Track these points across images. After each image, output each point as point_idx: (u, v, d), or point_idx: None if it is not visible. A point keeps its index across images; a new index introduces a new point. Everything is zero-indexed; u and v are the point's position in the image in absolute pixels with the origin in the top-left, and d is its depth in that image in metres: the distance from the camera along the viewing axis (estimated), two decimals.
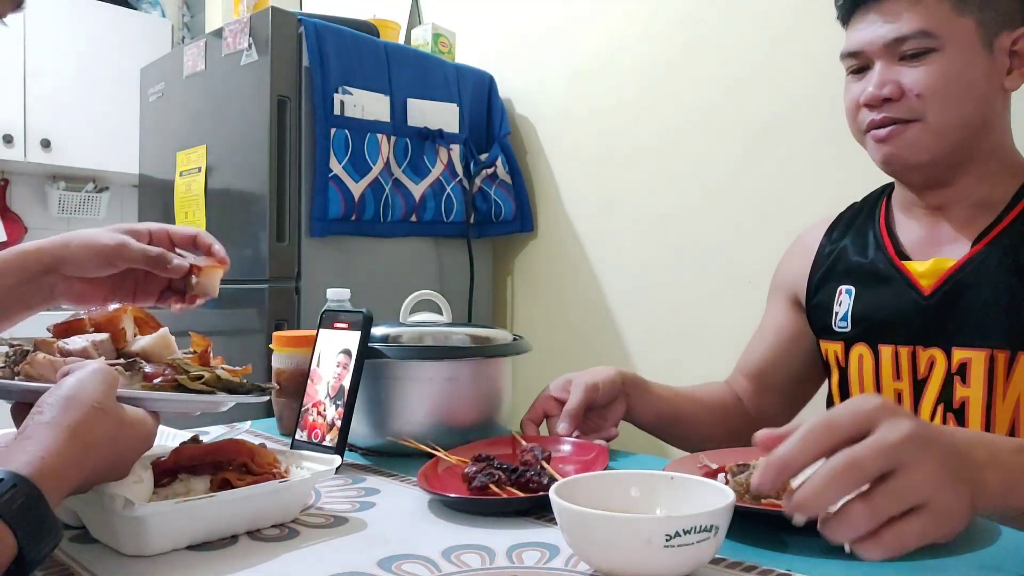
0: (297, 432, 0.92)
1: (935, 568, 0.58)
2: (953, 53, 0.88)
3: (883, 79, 0.91)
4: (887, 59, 0.91)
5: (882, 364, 0.99)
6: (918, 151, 0.92)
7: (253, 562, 0.61)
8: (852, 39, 0.95)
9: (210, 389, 0.70)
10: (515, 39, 2.34)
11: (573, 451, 0.90)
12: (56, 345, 0.70)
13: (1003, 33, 0.90)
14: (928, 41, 0.88)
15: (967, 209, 0.95)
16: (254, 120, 1.89)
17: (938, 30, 0.88)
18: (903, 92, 0.90)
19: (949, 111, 0.89)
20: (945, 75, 0.88)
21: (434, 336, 0.98)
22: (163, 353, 0.73)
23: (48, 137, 3.12)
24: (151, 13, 3.54)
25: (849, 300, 1.03)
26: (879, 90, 0.91)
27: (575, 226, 2.21)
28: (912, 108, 0.90)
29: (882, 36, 0.91)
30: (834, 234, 1.10)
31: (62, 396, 0.57)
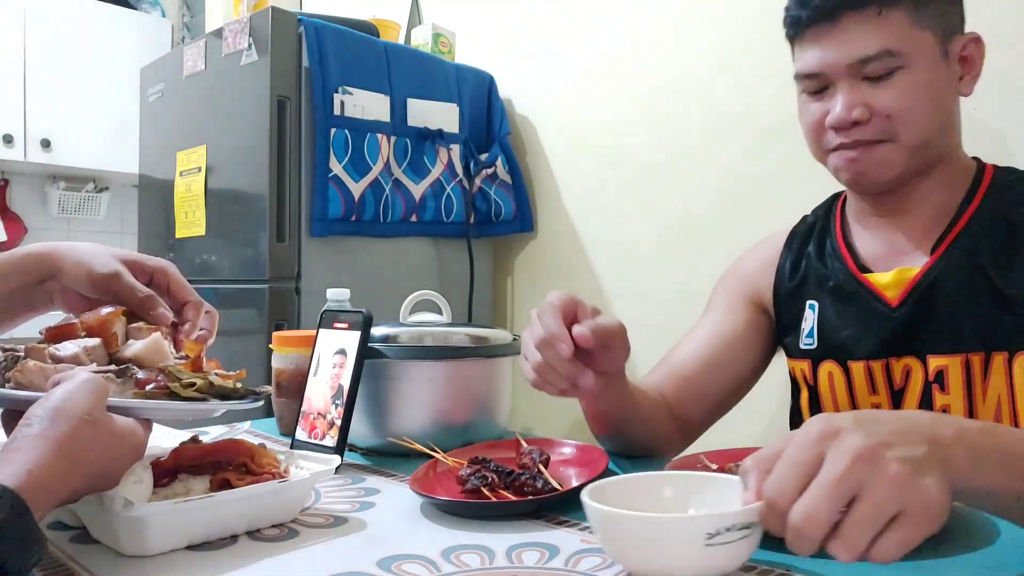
0: (297, 432, 0.92)
1: (935, 568, 0.58)
2: (917, 69, 0.87)
3: (850, 101, 0.88)
4: (851, 79, 0.88)
5: (855, 380, 0.97)
6: (888, 169, 0.91)
7: (253, 562, 0.61)
8: (810, 60, 0.91)
9: (202, 396, 0.69)
10: (515, 39, 2.34)
11: (573, 454, 0.90)
12: (47, 351, 0.68)
13: (954, 40, 0.90)
14: (893, 60, 0.86)
15: (923, 215, 0.95)
16: (254, 120, 1.89)
17: (901, 47, 0.86)
18: (871, 114, 0.88)
19: (919, 127, 0.88)
20: (913, 93, 0.87)
21: (434, 336, 0.98)
22: (156, 359, 0.71)
23: (48, 137, 3.12)
24: (151, 13, 3.54)
25: (814, 316, 1.01)
26: (848, 113, 0.88)
27: (575, 226, 2.21)
28: (882, 129, 0.89)
29: (845, 57, 0.88)
30: (793, 246, 1.08)
31: (50, 408, 0.56)
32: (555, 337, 0.76)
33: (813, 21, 0.90)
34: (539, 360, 0.79)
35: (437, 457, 0.84)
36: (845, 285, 0.99)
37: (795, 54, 0.95)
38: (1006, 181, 0.94)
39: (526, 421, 2.20)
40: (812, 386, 1.03)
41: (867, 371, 0.96)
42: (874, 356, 0.96)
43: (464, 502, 0.74)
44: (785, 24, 0.95)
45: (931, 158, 0.92)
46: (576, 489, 0.75)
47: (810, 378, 1.03)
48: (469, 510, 0.73)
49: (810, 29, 0.90)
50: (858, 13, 0.87)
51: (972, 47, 0.92)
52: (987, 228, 0.91)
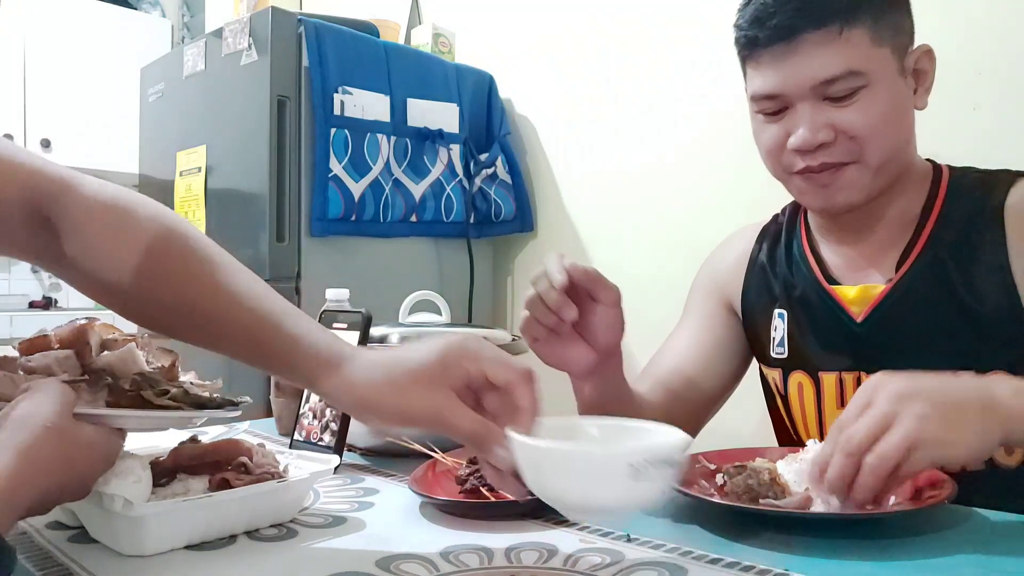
0: (295, 432, 0.92)
1: (935, 568, 0.58)
2: (880, 87, 0.85)
3: (815, 124, 0.85)
4: (813, 100, 0.85)
5: (824, 392, 0.96)
6: (857, 191, 0.88)
7: (251, 562, 0.61)
8: (769, 82, 0.87)
9: (177, 405, 0.67)
10: (515, 39, 2.34)
11: None
12: (19, 362, 0.67)
13: (908, 54, 0.89)
14: (857, 80, 0.83)
15: (886, 227, 0.93)
16: (254, 120, 1.89)
17: (864, 66, 0.83)
18: (837, 135, 0.85)
19: (885, 146, 0.86)
20: (878, 112, 0.84)
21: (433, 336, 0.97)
22: (129, 368, 0.68)
23: (48, 137, 3.12)
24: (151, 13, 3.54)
25: (783, 325, 0.99)
26: (814, 136, 0.85)
27: (575, 226, 2.21)
28: (848, 150, 0.86)
29: (808, 79, 0.84)
30: (764, 246, 1.06)
31: (13, 418, 0.55)
32: (551, 271, 0.81)
33: (770, 42, 0.86)
34: (531, 294, 0.82)
35: (436, 457, 0.84)
36: (812, 295, 0.96)
37: (747, 73, 0.92)
38: (963, 185, 0.92)
39: None
40: (783, 395, 1.01)
41: (838, 383, 0.94)
42: (845, 368, 0.94)
43: (463, 502, 0.74)
44: (737, 44, 0.91)
45: (894, 175, 0.90)
46: None
47: (780, 387, 1.01)
48: (468, 510, 0.73)
49: (767, 50, 0.86)
50: (818, 33, 0.83)
51: (924, 60, 0.90)
52: (951, 240, 0.89)
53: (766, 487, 0.69)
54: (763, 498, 0.69)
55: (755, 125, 0.94)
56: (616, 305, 0.85)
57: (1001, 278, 0.85)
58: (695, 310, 1.12)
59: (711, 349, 1.06)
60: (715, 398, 1.08)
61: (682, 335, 1.11)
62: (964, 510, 0.71)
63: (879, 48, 0.84)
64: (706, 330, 1.08)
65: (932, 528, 0.66)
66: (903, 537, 0.64)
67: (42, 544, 0.65)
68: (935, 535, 0.65)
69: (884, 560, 0.59)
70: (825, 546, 0.62)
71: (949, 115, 1.53)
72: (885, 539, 0.64)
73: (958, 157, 1.02)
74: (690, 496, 0.70)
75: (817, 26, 0.83)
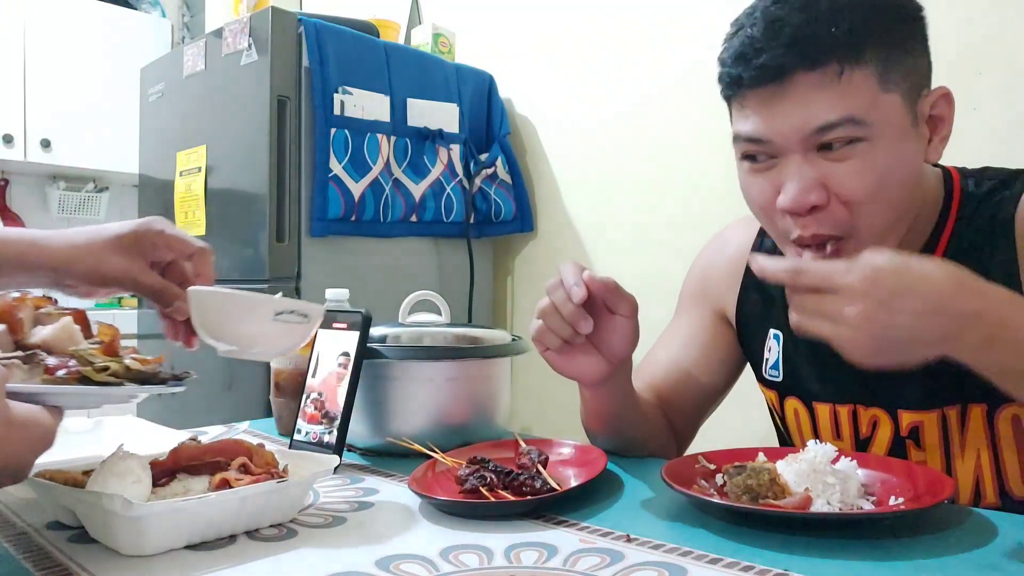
0: (295, 432, 0.92)
1: (935, 568, 0.58)
2: (883, 140, 0.72)
3: (806, 183, 0.72)
4: (805, 152, 0.73)
5: (819, 423, 0.93)
6: None
7: (251, 562, 0.61)
8: (756, 124, 0.74)
9: (118, 380, 0.65)
10: (515, 39, 2.34)
11: (572, 454, 0.90)
12: None
13: (921, 99, 0.75)
14: (856, 130, 0.71)
15: None
16: (254, 120, 1.89)
17: (867, 115, 0.71)
18: (829, 196, 0.73)
19: (882, 216, 0.75)
20: (878, 173, 0.72)
21: (432, 336, 0.98)
22: (66, 344, 0.67)
23: (48, 137, 3.12)
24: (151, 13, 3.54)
25: (778, 347, 0.95)
26: (805, 197, 0.73)
27: (575, 226, 2.21)
28: (839, 221, 0.74)
29: (802, 126, 0.72)
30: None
31: None
32: (569, 282, 0.78)
33: (758, 82, 0.73)
34: (545, 303, 0.80)
35: (436, 457, 0.84)
36: None
37: (732, 112, 0.79)
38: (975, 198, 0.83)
39: (525, 421, 2.20)
40: (781, 417, 1.00)
41: (832, 415, 0.91)
42: (840, 401, 0.90)
43: (462, 502, 0.74)
44: (721, 82, 0.79)
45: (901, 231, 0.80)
46: (575, 489, 0.75)
47: (777, 408, 1.00)
48: (467, 510, 0.73)
49: (753, 91, 0.74)
50: (813, 74, 0.71)
51: (942, 104, 0.77)
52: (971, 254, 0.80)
53: (766, 487, 0.69)
54: (763, 498, 0.69)
55: (741, 175, 0.81)
56: (632, 316, 0.83)
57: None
58: (685, 314, 1.09)
59: (700, 355, 1.04)
60: (707, 402, 1.06)
61: (673, 339, 1.08)
62: (964, 510, 0.71)
63: (888, 94, 0.72)
64: (696, 336, 1.05)
65: (932, 528, 0.66)
66: (903, 537, 0.64)
67: (42, 544, 0.65)
68: (935, 535, 0.65)
69: (884, 560, 0.59)
70: (825, 546, 0.62)
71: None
72: (885, 539, 0.64)
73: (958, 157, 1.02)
74: (690, 496, 0.70)
75: (812, 66, 0.71)
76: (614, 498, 0.78)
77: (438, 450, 0.85)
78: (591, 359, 0.85)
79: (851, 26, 0.70)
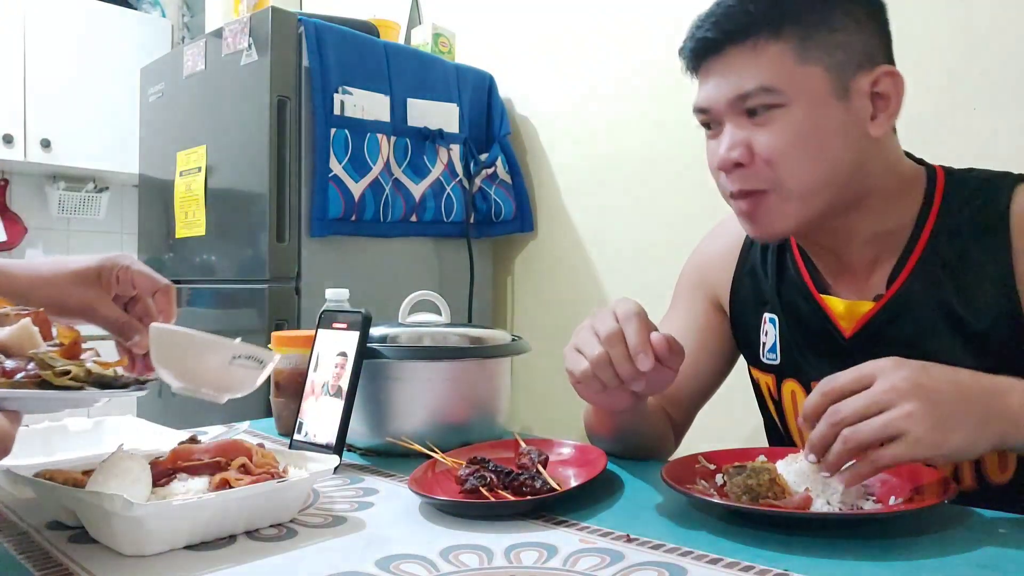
0: (295, 432, 0.92)
1: (935, 568, 0.58)
2: (800, 108, 0.79)
3: (733, 141, 0.82)
4: (735, 117, 0.82)
5: None
6: (782, 221, 0.83)
7: (251, 562, 0.61)
8: (700, 94, 0.86)
9: (78, 384, 0.64)
10: (515, 39, 2.34)
11: (572, 454, 0.90)
12: None
13: (860, 75, 0.81)
14: (771, 97, 0.79)
15: (869, 244, 0.87)
16: (254, 120, 1.89)
17: (781, 84, 0.79)
18: (752, 156, 0.81)
19: (803, 174, 0.80)
20: (794, 135, 0.79)
21: (432, 336, 0.98)
22: (25, 346, 0.64)
23: (48, 137, 3.12)
24: (151, 13, 3.54)
25: (775, 331, 0.96)
26: (729, 153, 0.82)
27: (575, 226, 2.21)
28: (762, 176, 0.82)
29: (724, 94, 0.82)
30: (754, 247, 1.01)
31: None
32: (634, 344, 0.75)
33: (700, 55, 0.84)
34: (600, 353, 0.76)
35: (436, 457, 0.84)
36: (802, 303, 0.93)
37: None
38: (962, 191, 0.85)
39: (525, 421, 2.20)
40: (776, 400, 0.99)
41: None
42: None
43: (462, 502, 0.74)
44: (682, 57, 0.89)
45: (844, 199, 0.84)
46: (575, 489, 0.75)
47: (775, 392, 0.99)
48: (467, 510, 0.73)
49: (702, 63, 0.85)
50: (740, 46, 0.81)
51: (885, 81, 0.82)
52: (949, 253, 0.83)
53: (766, 487, 0.69)
54: (763, 498, 0.69)
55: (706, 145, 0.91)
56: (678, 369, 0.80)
57: (1003, 288, 0.80)
58: (681, 305, 1.09)
59: (697, 345, 1.04)
60: (703, 392, 1.07)
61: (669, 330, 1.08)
62: (964, 510, 0.71)
63: (805, 66, 0.79)
64: (691, 326, 1.05)
65: (932, 528, 0.66)
66: (903, 537, 0.64)
67: (41, 544, 0.65)
68: (935, 535, 0.65)
69: (884, 560, 0.59)
70: (825, 546, 0.62)
71: (949, 115, 1.53)
72: (885, 539, 0.64)
73: (958, 157, 1.02)
74: (690, 496, 0.70)
75: (738, 40, 0.81)
76: (614, 498, 0.78)
77: (438, 450, 0.85)
78: (624, 395, 0.82)
79: (768, 6, 0.80)
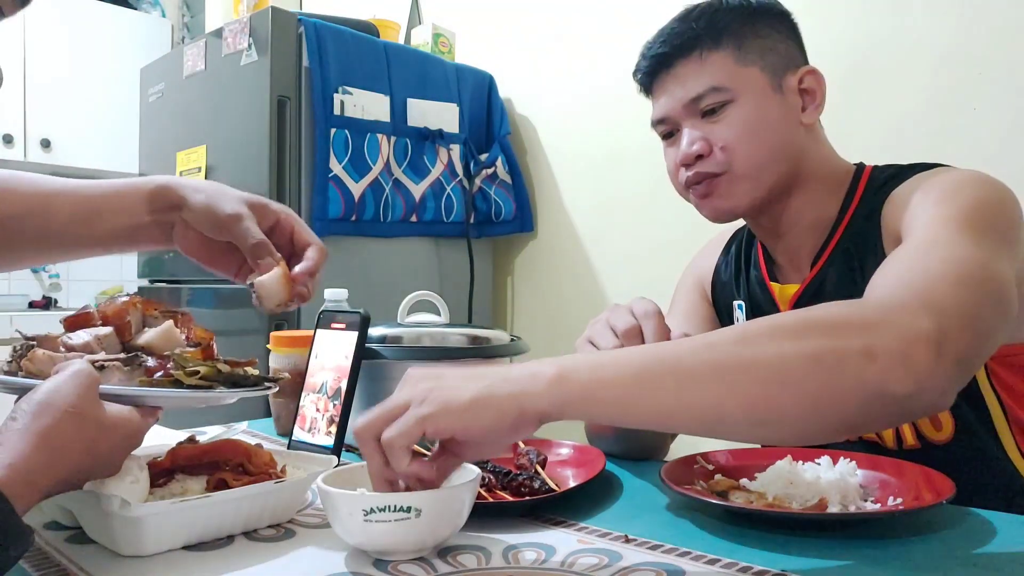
0: (294, 432, 0.92)
1: (933, 568, 0.58)
2: (746, 102, 0.92)
3: (691, 138, 0.94)
4: (690, 119, 0.95)
5: None
6: (735, 199, 0.94)
7: (249, 562, 0.61)
8: (657, 106, 0.98)
9: (208, 384, 0.68)
10: (515, 39, 2.34)
11: (570, 455, 0.90)
12: (60, 339, 0.69)
13: (788, 74, 0.95)
14: (721, 95, 0.92)
15: (802, 232, 0.97)
16: (254, 120, 1.89)
17: (727, 83, 0.92)
18: (711, 147, 0.93)
19: (752, 156, 0.92)
20: (743, 124, 0.92)
21: (432, 337, 0.98)
22: (167, 347, 0.70)
23: (48, 137, 3.12)
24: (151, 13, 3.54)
25: (743, 316, 1.04)
26: (689, 148, 0.94)
27: (575, 226, 2.20)
28: (719, 162, 0.93)
29: (680, 99, 0.95)
30: (733, 246, 1.12)
31: (35, 401, 0.57)
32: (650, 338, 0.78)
33: (653, 71, 0.97)
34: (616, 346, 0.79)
35: None
36: (757, 290, 1.03)
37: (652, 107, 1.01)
38: (876, 183, 0.94)
39: None
40: None
41: None
42: None
43: None
44: (636, 80, 1.01)
45: (783, 183, 0.94)
46: (574, 490, 0.75)
47: None
48: None
49: (653, 79, 0.98)
50: (686, 59, 0.94)
51: (810, 79, 0.96)
52: (863, 234, 0.91)
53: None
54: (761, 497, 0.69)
55: (664, 153, 1.02)
56: None
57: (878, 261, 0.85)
58: (679, 307, 1.15)
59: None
60: None
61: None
62: (963, 510, 0.71)
63: (745, 67, 0.93)
64: (689, 324, 1.10)
65: (931, 528, 0.66)
66: (902, 537, 0.64)
67: (40, 544, 0.65)
68: (934, 535, 0.65)
69: (884, 560, 0.59)
70: (823, 546, 0.62)
71: (949, 115, 1.53)
72: (883, 539, 0.64)
73: (958, 157, 1.02)
74: (688, 497, 0.70)
75: (685, 54, 0.94)
76: (612, 499, 0.78)
77: None
78: None
79: (710, 23, 0.94)
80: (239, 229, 0.75)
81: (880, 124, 1.61)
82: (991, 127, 1.47)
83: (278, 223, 0.80)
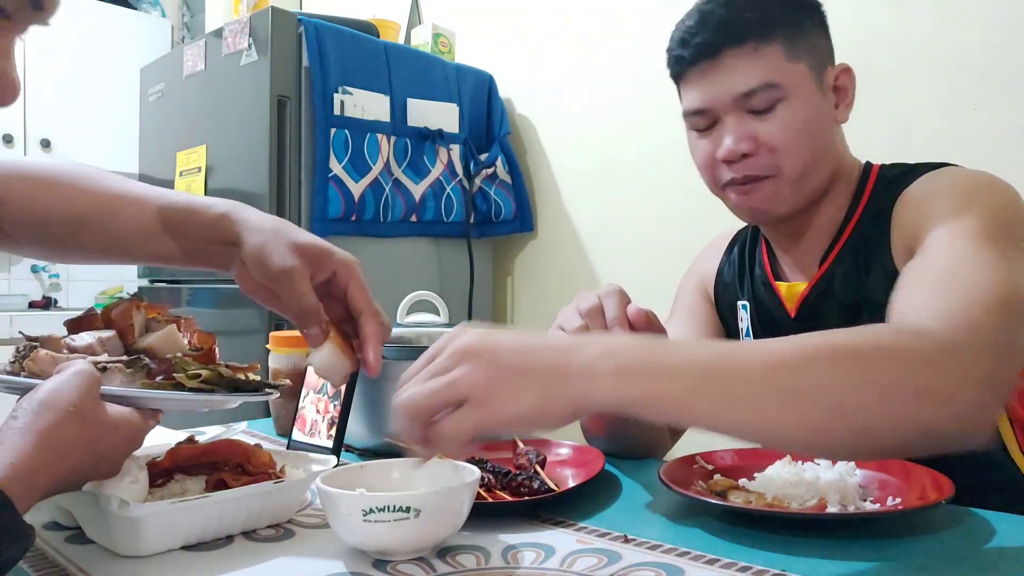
0: (293, 432, 0.92)
1: (934, 568, 0.58)
2: (797, 100, 0.88)
3: (739, 134, 0.89)
4: (737, 113, 0.89)
5: None
6: (779, 203, 0.91)
7: (248, 562, 0.61)
8: (697, 97, 0.92)
9: (209, 387, 0.68)
10: (515, 39, 2.34)
11: (569, 455, 0.90)
12: (63, 341, 0.69)
13: (827, 71, 0.92)
14: (774, 92, 0.88)
15: (815, 231, 0.96)
16: (254, 120, 1.89)
17: (780, 79, 0.88)
18: (758, 146, 0.89)
19: (801, 159, 0.89)
20: (794, 124, 0.88)
21: (431, 336, 0.97)
22: (169, 350, 0.71)
23: (48, 137, 3.12)
24: (151, 13, 3.54)
25: (747, 316, 1.03)
26: (736, 145, 0.89)
27: (575, 226, 2.20)
28: (766, 164, 0.89)
29: (730, 91, 0.89)
30: (736, 246, 1.10)
31: (36, 400, 0.57)
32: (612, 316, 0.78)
33: (696, 60, 0.91)
34: (580, 326, 0.80)
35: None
36: (762, 290, 1.01)
37: (681, 93, 0.96)
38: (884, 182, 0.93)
39: None
40: None
41: None
42: None
43: None
44: (669, 65, 0.96)
45: (817, 187, 0.92)
46: (573, 490, 0.75)
47: None
48: None
49: (693, 67, 0.91)
50: (737, 49, 0.88)
51: (844, 77, 0.94)
52: (871, 233, 0.91)
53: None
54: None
55: (690, 142, 0.97)
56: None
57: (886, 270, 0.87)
58: (681, 308, 1.14)
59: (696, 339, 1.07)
60: None
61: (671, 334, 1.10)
62: (964, 510, 0.71)
63: (794, 64, 0.89)
64: (691, 326, 1.10)
65: (931, 528, 0.66)
66: (902, 537, 0.64)
67: (38, 544, 0.65)
68: (934, 535, 0.64)
69: (883, 560, 0.59)
70: (823, 546, 0.62)
71: (949, 115, 1.53)
72: (884, 539, 0.64)
73: (958, 157, 1.02)
74: (688, 497, 0.70)
75: (735, 44, 0.88)
76: (612, 499, 0.78)
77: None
78: None
79: (762, 13, 0.88)
80: (286, 288, 0.69)
81: (880, 124, 1.61)
82: (991, 127, 1.46)
83: (335, 276, 0.74)
